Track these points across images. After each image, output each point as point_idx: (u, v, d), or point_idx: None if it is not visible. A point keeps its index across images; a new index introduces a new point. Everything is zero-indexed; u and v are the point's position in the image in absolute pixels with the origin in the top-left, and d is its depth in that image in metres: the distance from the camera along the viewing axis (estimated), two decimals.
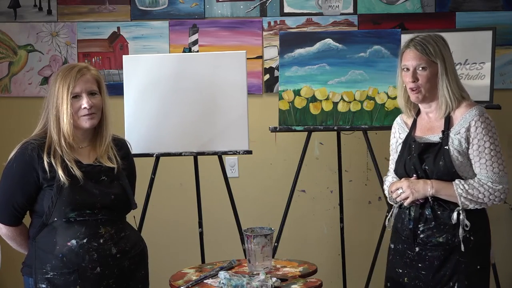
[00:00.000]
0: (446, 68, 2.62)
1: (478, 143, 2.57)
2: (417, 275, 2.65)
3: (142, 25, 4.03)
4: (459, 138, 2.58)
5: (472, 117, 2.58)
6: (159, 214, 3.97)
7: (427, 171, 2.62)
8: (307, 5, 4.01)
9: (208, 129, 3.40)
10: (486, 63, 3.63)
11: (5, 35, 4.06)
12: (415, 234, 2.64)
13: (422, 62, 2.62)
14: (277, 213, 3.68)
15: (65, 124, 2.50)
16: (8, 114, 4.08)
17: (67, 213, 2.46)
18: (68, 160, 2.49)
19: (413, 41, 2.66)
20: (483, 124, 2.57)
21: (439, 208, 2.61)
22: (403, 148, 2.73)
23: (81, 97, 2.53)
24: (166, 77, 3.40)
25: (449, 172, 2.58)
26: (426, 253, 2.62)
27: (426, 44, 2.62)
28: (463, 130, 2.58)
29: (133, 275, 2.59)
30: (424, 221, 2.63)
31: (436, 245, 2.60)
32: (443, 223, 2.60)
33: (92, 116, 2.55)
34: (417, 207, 2.64)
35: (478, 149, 2.57)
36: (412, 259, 2.66)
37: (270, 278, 2.51)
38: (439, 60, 2.62)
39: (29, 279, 2.51)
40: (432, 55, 2.61)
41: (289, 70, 3.52)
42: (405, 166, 2.69)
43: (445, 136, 2.61)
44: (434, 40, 2.64)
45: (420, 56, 2.62)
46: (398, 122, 2.84)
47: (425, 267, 2.63)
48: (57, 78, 2.54)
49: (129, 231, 2.62)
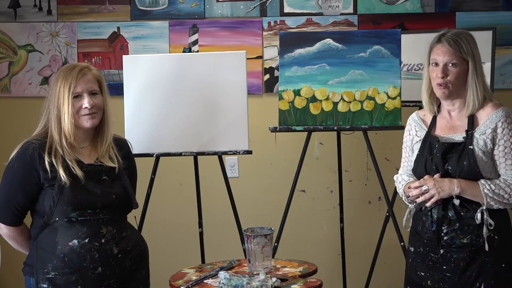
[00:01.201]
0: (476, 68, 2.58)
1: (504, 144, 2.55)
2: (441, 277, 2.61)
3: (142, 25, 4.03)
4: (484, 139, 2.56)
5: (499, 118, 2.56)
6: (159, 214, 3.97)
7: (450, 171, 2.58)
8: (307, 5, 4.01)
9: (208, 129, 3.40)
10: (486, 63, 3.63)
11: (5, 35, 4.06)
12: (438, 236, 2.60)
13: (454, 58, 2.57)
14: (277, 213, 3.68)
15: (66, 124, 2.50)
16: (8, 114, 4.08)
17: (68, 213, 2.46)
18: (69, 160, 2.49)
19: (445, 36, 2.60)
20: (510, 125, 2.55)
21: (462, 209, 2.58)
22: (422, 147, 2.68)
23: (82, 97, 2.53)
24: (166, 77, 3.40)
25: (473, 172, 2.55)
26: (452, 255, 2.59)
27: (459, 40, 2.57)
28: (489, 131, 2.56)
29: (134, 275, 2.59)
30: (448, 222, 2.59)
31: (461, 247, 2.57)
32: (467, 224, 2.57)
33: (93, 116, 2.55)
34: (439, 209, 2.60)
35: (504, 150, 2.55)
36: (436, 262, 2.62)
37: (270, 278, 2.51)
38: (470, 58, 2.58)
39: (31, 279, 2.51)
40: (464, 52, 2.57)
41: (289, 70, 3.52)
42: (425, 166, 2.64)
43: (469, 136, 2.57)
44: (466, 38, 2.60)
45: (453, 52, 2.57)
46: (414, 119, 2.78)
47: (451, 269, 2.59)
48: (58, 78, 2.54)
49: (130, 231, 2.63)
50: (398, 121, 3.42)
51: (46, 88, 4.03)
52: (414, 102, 3.57)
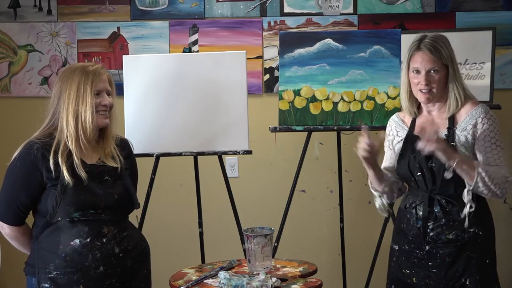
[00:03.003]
0: (455, 71, 2.65)
1: (484, 139, 2.60)
2: (427, 274, 2.65)
3: (142, 25, 4.03)
4: (465, 135, 2.61)
5: (479, 114, 2.62)
6: (159, 214, 3.97)
7: (434, 168, 2.62)
8: (307, 5, 4.01)
9: (208, 129, 3.40)
10: (486, 63, 3.63)
11: (5, 35, 4.06)
12: (424, 233, 2.64)
13: (436, 66, 2.62)
14: (277, 213, 3.68)
15: (88, 119, 2.50)
16: (8, 114, 4.08)
17: (71, 213, 2.46)
18: (77, 159, 2.49)
19: (424, 42, 2.64)
20: (489, 120, 2.61)
21: (448, 204, 2.62)
22: (404, 147, 2.72)
23: (101, 95, 2.55)
24: (166, 77, 3.40)
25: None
26: (438, 251, 2.62)
27: (438, 47, 2.62)
28: (470, 127, 2.61)
29: (136, 275, 2.59)
30: (434, 219, 2.63)
31: (446, 242, 2.61)
32: (453, 220, 2.61)
33: (108, 115, 2.57)
34: (425, 206, 2.64)
35: (484, 145, 2.60)
36: (421, 259, 2.66)
37: (270, 278, 2.51)
38: (449, 63, 2.64)
39: (32, 278, 2.51)
40: (444, 58, 2.63)
41: (289, 70, 3.52)
42: (409, 165, 2.68)
43: (451, 133, 2.63)
44: (444, 43, 2.65)
45: (434, 59, 2.62)
46: (395, 120, 2.84)
47: (436, 265, 2.63)
48: (74, 75, 2.53)
49: (131, 231, 2.63)
50: None
51: (46, 88, 4.03)
52: None
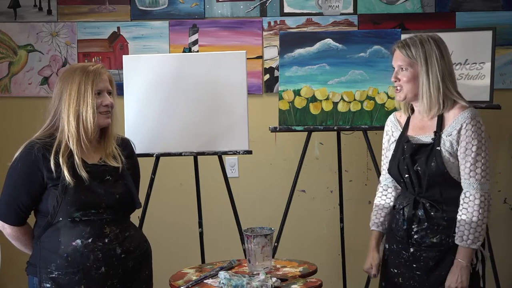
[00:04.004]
0: (428, 70, 2.62)
1: (465, 146, 2.57)
2: (411, 275, 2.66)
3: (142, 25, 4.03)
4: (450, 140, 2.59)
5: (464, 119, 2.58)
6: (159, 214, 3.97)
7: (419, 172, 2.62)
8: (307, 5, 4.01)
9: (208, 129, 3.40)
10: (486, 63, 3.63)
11: (5, 35, 4.06)
12: (409, 235, 2.65)
13: (403, 64, 2.66)
14: (277, 213, 3.68)
15: (89, 119, 2.50)
16: (8, 114, 4.08)
17: (72, 213, 2.46)
18: (78, 159, 2.48)
19: (399, 42, 2.71)
20: (473, 127, 2.57)
21: (432, 208, 2.61)
22: (396, 148, 2.74)
23: (102, 95, 2.55)
24: (166, 77, 3.40)
25: (441, 173, 2.59)
26: (421, 254, 2.63)
27: (409, 45, 2.66)
28: (455, 132, 2.59)
29: (137, 275, 2.59)
30: (418, 221, 2.63)
31: (430, 246, 2.61)
32: (437, 224, 2.61)
33: (109, 115, 2.57)
34: (410, 208, 2.65)
35: (465, 152, 2.57)
36: (406, 260, 2.67)
37: (270, 278, 2.51)
38: (420, 62, 2.63)
39: (34, 278, 2.51)
40: (413, 57, 2.64)
41: (289, 70, 3.52)
42: (398, 167, 2.70)
43: (437, 137, 2.62)
44: (420, 42, 2.66)
45: (402, 57, 2.67)
46: (391, 120, 2.85)
47: (420, 268, 2.63)
48: (75, 75, 2.53)
49: (133, 231, 2.63)
50: None
51: (46, 88, 4.03)
52: None
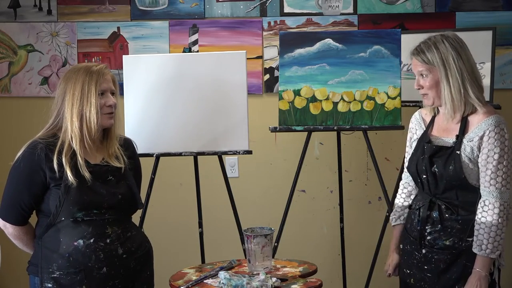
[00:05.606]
0: (447, 73, 2.56)
1: (487, 153, 2.51)
2: (422, 277, 2.63)
3: (142, 25, 4.03)
4: (471, 146, 2.54)
5: (488, 126, 2.52)
6: (159, 214, 3.97)
7: (437, 174, 2.59)
8: (307, 5, 4.01)
9: (208, 129, 3.40)
10: (486, 63, 3.63)
11: (5, 35, 4.06)
12: (422, 236, 2.62)
13: (423, 70, 2.60)
14: (277, 213, 3.68)
15: (93, 119, 2.49)
16: (8, 114, 4.08)
17: (74, 213, 2.45)
18: (81, 159, 2.48)
19: (414, 48, 2.64)
20: (496, 135, 2.50)
21: (447, 211, 2.58)
22: (417, 147, 2.69)
23: (105, 95, 2.55)
24: (166, 77, 3.40)
25: (458, 177, 2.54)
26: (433, 256, 2.60)
27: (423, 51, 2.59)
28: (477, 138, 2.53)
29: (139, 276, 2.59)
30: (432, 223, 2.60)
31: (442, 248, 2.58)
32: (450, 227, 2.57)
33: (112, 116, 2.57)
34: (425, 209, 2.61)
35: (487, 159, 2.51)
36: (419, 261, 2.64)
37: (270, 278, 2.51)
38: (438, 66, 2.57)
39: (35, 278, 2.51)
40: (430, 62, 2.58)
41: (289, 70, 3.52)
42: (417, 166, 2.66)
43: (459, 141, 2.56)
44: (435, 44, 2.59)
45: (419, 64, 2.61)
46: (416, 117, 2.80)
47: (431, 270, 2.60)
48: (78, 75, 2.52)
49: (135, 232, 2.63)
50: (398, 121, 3.42)
51: (46, 88, 4.03)
52: (414, 102, 3.57)
